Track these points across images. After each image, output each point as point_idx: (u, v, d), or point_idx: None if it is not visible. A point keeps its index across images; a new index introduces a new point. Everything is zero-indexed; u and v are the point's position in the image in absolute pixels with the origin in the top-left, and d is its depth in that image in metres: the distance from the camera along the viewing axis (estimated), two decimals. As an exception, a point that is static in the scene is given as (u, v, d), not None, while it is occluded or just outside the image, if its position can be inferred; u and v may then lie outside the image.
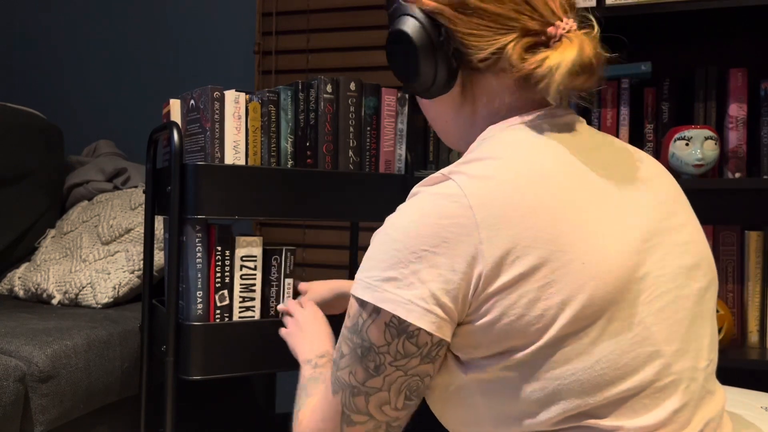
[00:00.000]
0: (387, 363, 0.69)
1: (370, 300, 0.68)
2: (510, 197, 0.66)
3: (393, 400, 0.71)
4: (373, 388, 0.70)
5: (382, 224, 0.72)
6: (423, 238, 0.66)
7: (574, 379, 0.64)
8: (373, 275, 0.69)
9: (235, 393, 2.03)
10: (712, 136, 1.50)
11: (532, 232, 0.64)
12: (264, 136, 1.31)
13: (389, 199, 1.42)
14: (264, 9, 2.20)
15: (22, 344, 1.35)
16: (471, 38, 0.73)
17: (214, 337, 1.26)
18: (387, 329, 0.68)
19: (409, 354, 0.68)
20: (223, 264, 1.28)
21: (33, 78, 2.55)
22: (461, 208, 0.66)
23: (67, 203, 2.18)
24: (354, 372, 0.71)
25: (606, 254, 0.65)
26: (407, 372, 0.69)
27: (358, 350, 0.70)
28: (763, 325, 1.57)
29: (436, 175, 0.70)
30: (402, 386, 0.70)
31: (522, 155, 0.69)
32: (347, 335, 0.72)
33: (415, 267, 0.66)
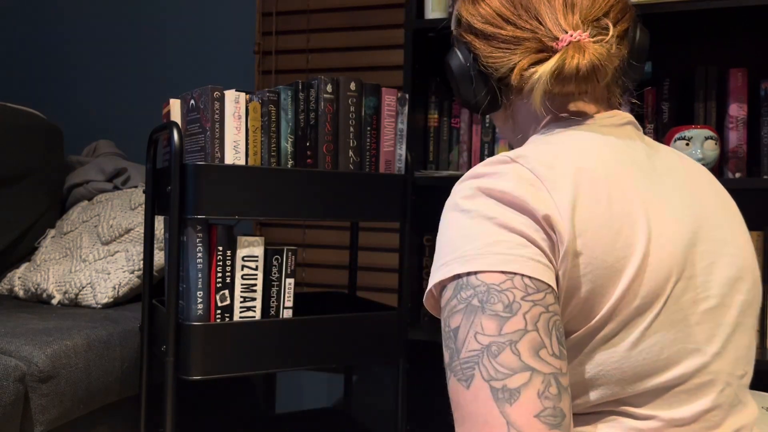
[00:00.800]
0: (519, 299, 0.58)
1: (482, 268, 0.59)
2: (575, 181, 0.66)
3: (546, 342, 0.58)
4: (516, 332, 0.57)
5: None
6: (506, 220, 0.62)
7: (616, 367, 0.65)
8: (470, 247, 0.61)
9: (235, 393, 2.03)
10: (712, 136, 1.50)
11: (604, 219, 0.65)
12: (264, 136, 1.31)
13: (389, 199, 1.42)
14: (264, 9, 2.20)
15: (22, 344, 1.35)
16: (490, 60, 0.79)
17: (215, 337, 1.26)
18: (504, 272, 0.59)
19: (542, 289, 0.59)
20: (225, 264, 1.27)
21: (33, 78, 2.55)
22: (530, 177, 0.66)
23: (67, 203, 2.18)
24: (481, 329, 0.57)
25: (662, 250, 0.66)
26: (548, 308, 0.59)
27: (473, 301, 0.58)
28: (762, 325, 1.57)
29: (501, 157, 0.70)
30: (550, 324, 0.58)
31: (580, 151, 0.71)
32: (451, 305, 0.61)
33: (521, 229, 0.62)
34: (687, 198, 0.73)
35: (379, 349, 1.42)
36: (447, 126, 1.80)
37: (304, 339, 1.34)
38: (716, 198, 0.77)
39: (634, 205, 0.67)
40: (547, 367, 0.57)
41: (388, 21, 2.08)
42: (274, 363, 1.32)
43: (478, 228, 0.62)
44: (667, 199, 0.70)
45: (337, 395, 2.15)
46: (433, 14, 1.67)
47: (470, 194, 0.66)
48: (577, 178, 0.66)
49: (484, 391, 0.56)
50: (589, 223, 0.64)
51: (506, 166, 0.68)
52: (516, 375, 0.55)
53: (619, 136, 0.75)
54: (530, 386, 0.55)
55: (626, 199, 0.67)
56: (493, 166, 0.68)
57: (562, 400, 0.56)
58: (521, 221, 0.63)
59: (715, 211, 0.75)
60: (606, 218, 0.65)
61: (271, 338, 1.31)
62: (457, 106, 1.79)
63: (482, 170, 0.68)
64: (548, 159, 0.68)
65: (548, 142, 0.73)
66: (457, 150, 1.78)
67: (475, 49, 0.81)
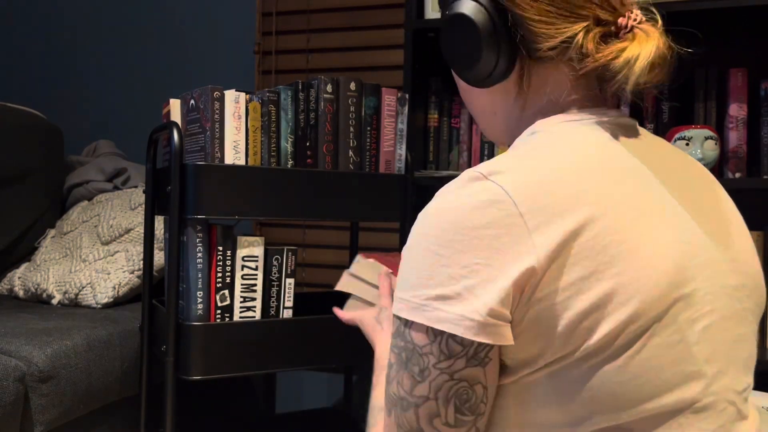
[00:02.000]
0: (431, 366, 0.63)
1: (421, 321, 0.63)
2: (557, 188, 0.62)
3: (442, 412, 0.64)
4: (420, 397, 0.64)
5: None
6: (473, 251, 0.61)
7: (609, 392, 0.61)
8: (418, 294, 0.63)
9: (235, 393, 2.03)
10: (712, 136, 1.50)
11: (584, 245, 0.61)
12: (264, 136, 1.31)
13: (389, 199, 1.42)
14: (264, 9, 2.20)
15: (22, 344, 1.35)
16: (541, 25, 0.69)
17: (215, 337, 1.26)
18: (429, 329, 0.62)
19: (454, 354, 0.62)
20: (225, 264, 1.27)
21: (33, 78, 2.55)
22: (507, 207, 0.61)
23: (67, 203, 2.18)
24: (401, 381, 0.65)
25: (654, 269, 0.62)
26: (453, 376, 0.63)
27: (403, 354, 0.65)
28: (762, 325, 1.57)
29: (473, 173, 0.64)
30: (449, 394, 0.63)
31: (570, 153, 0.66)
32: (393, 342, 0.67)
33: (466, 283, 0.61)
34: (688, 204, 0.68)
35: (379, 349, 1.42)
36: (447, 126, 1.80)
37: (304, 339, 1.34)
38: (717, 201, 0.73)
39: (621, 223, 0.62)
40: (435, 431, 0.64)
41: (388, 21, 2.08)
42: (274, 363, 1.32)
43: (428, 271, 0.63)
44: (667, 208, 0.66)
45: (337, 395, 2.15)
46: (433, 14, 1.67)
47: (432, 223, 0.64)
48: (571, 205, 0.61)
49: (395, 428, 0.67)
50: (574, 256, 0.60)
51: (477, 185, 0.63)
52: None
53: (616, 135, 0.70)
54: None
55: (613, 218, 0.62)
56: (464, 186, 0.63)
57: None
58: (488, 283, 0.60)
59: (716, 215, 0.71)
60: (592, 246, 0.60)
61: (271, 338, 1.31)
62: (458, 106, 1.79)
63: (452, 188, 0.64)
64: (541, 178, 0.62)
65: (551, 145, 0.67)
66: (457, 150, 1.78)
67: (514, 6, 0.69)
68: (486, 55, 0.71)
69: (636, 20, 0.68)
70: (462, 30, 0.72)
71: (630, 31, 0.68)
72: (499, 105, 0.77)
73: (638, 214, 0.63)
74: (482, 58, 0.72)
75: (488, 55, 0.71)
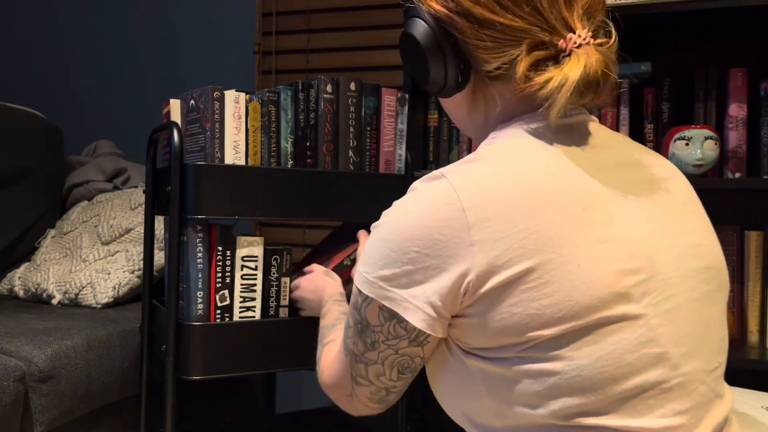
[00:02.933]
0: (380, 341, 0.74)
1: (370, 294, 0.73)
2: (506, 200, 0.66)
3: (387, 372, 0.77)
4: (370, 360, 0.76)
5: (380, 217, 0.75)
6: (415, 240, 0.69)
7: (575, 374, 0.64)
8: (370, 271, 0.73)
9: (235, 393, 2.03)
10: (712, 136, 1.50)
11: (528, 234, 0.65)
12: (264, 136, 1.31)
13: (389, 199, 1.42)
14: (264, 9, 2.20)
15: (22, 344, 1.35)
16: (479, 50, 0.74)
17: (215, 337, 1.26)
18: (380, 312, 0.72)
19: (399, 336, 0.73)
20: (224, 264, 1.27)
21: (33, 78, 2.55)
22: (454, 210, 0.67)
23: (67, 203, 2.18)
24: (356, 343, 0.77)
25: (605, 256, 0.65)
26: (397, 351, 0.74)
27: (358, 326, 0.76)
28: (763, 325, 1.57)
29: (435, 172, 0.71)
30: (394, 362, 0.76)
31: (522, 157, 0.70)
32: (352, 311, 0.77)
33: (407, 268, 0.69)
34: (648, 193, 0.71)
35: (379, 349, 1.42)
36: (447, 126, 1.80)
37: (304, 339, 1.34)
38: (677, 188, 0.76)
39: (571, 217, 0.66)
40: (381, 384, 0.78)
41: (388, 21, 2.08)
42: (274, 363, 1.32)
43: (391, 257, 0.71)
44: (622, 199, 0.69)
45: (337, 395, 2.15)
46: (433, 14, 1.67)
47: (393, 209, 0.73)
48: (511, 199, 0.66)
49: (348, 367, 0.80)
50: (514, 250, 0.65)
51: (434, 184, 0.70)
52: (362, 378, 0.79)
53: (571, 135, 0.73)
54: (369, 387, 0.79)
55: (562, 212, 0.66)
56: (423, 184, 0.71)
57: (388, 397, 0.80)
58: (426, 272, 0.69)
59: (677, 201, 0.74)
60: (534, 239, 0.65)
61: (271, 338, 1.31)
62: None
63: (415, 185, 0.73)
64: (488, 176, 0.68)
65: (501, 149, 0.71)
66: (457, 150, 1.78)
67: (458, 32, 0.74)
68: (433, 70, 0.77)
69: (576, 43, 0.69)
70: (411, 47, 0.78)
71: (568, 54, 0.70)
72: (464, 112, 0.83)
73: (587, 209, 0.67)
74: (430, 75, 0.78)
75: (435, 70, 0.77)
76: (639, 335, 0.65)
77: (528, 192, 0.66)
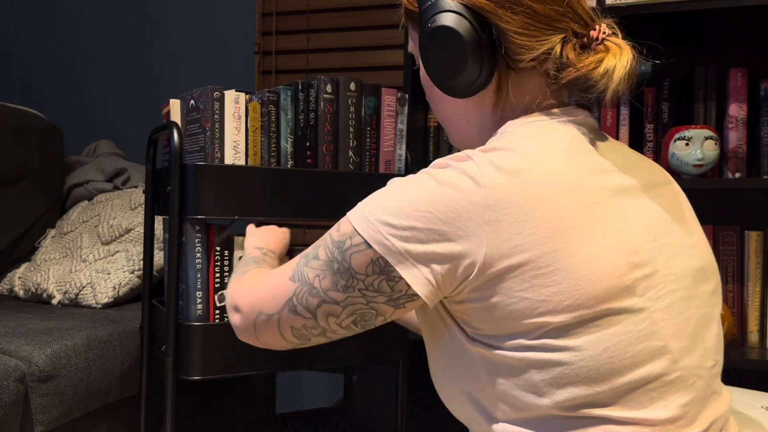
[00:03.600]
0: (356, 287, 0.72)
1: (363, 234, 0.70)
2: (523, 188, 0.67)
3: (342, 318, 0.74)
4: (331, 299, 0.73)
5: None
6: (433, 202, 0.68)
7: (582, 365, 0.65)
8: (373, 212, 0.71)
9: (235, 393, 2.03)
10: (712, 136, 1.50)
11: (541, 222, 0.66)
12: (264, 136, 1.31)
13: (389, 199, 1.42)
14: (264, 9, 2.20)
15: (22, 344, 1.35)
16: (522, 37, 0.73)
17: (214, 337, 1.26)
18: (372, 264, 0.70)
19: (381, 291, 0.71)
20: (222, 264, 1.28)
21: (33, 78, 2.55)
22: (476, 186, 0.67)
23: (67, 203, 2.18)
24: (321, 278, 0.73)
25: (613, 249, 0.67)
26: (369, 303, 0.72)
27: (334, 264, 0.72)
28: (763, 325, 1.57)
29: (461, 154, 0.71)
30: (356, 311, 0.73)
31: (539, 150, 0.71)
32: (330, 246, 0.74)
33: (415, 224, 0.68)
34: (648, 195, 0.73)
35: (379, 349, 1.42)
36: (447, 126, 1.80)
37: (303, 339, 1.34)
38: (673, 193, 0.78)
39: (582, 210, 0.67)
40: (325, 324, 0.75)
41: (388, 21, 2.08)
42: (274, 363, 1.32)
43: (402, 208, 0.69)
44: (626, 198, 0.71)
45: (337, 395, 2.15)
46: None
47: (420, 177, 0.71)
48: (528, 188, 0.67)
49: (290, 293, 0.76)
50: (526, 236, 0.65)
51: (461, 163, 0.70)
52: (306, 310, 0.75)
53: (581, 134, 0.75)
54: (306, 321, 0.76)
55: (574, 205, 0.67)
56: (451, 161, 0.71)
57: (316, 337, 0.77)
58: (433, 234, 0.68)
59: (673, 205, 0.76)
60: (546, 227, 0.66)
61: (270, 338, 1.31)
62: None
63: (443, 162, 0.71)
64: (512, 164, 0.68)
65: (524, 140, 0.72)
66: (457, 150, 1.78)
67: (497, 20, 0.73)
68: (470, 67, 0.74)
69: (605, 33, 0.74)
70: (446, 42, 0.74)
71: (600, 43, 0.73)
72: (474, 114, 0.81)
73: (598, 202, 0.68)
74: (466, 71, 0.75)
75: (473, 66, 0.74)
76: (642, 328, 0.66)
77: (546, 184, 0.68)
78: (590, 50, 0.73)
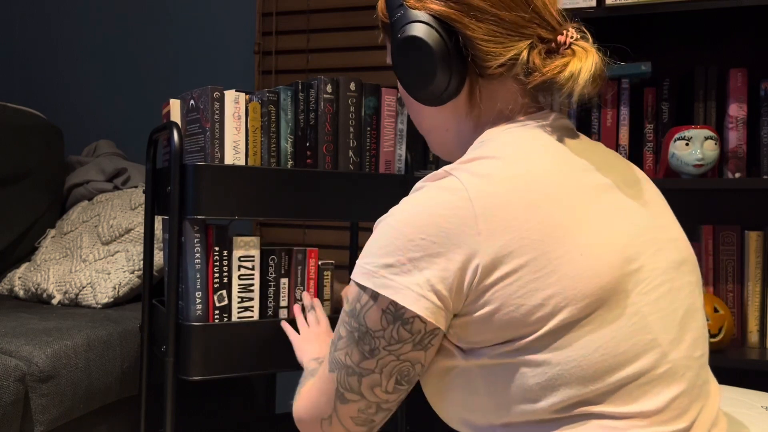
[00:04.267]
0: (381, 347, 0.71)
1: (368, 285, 0.70)
2: (509, 193, 0.68)
3: (384, 383, 0.73)
4: (366, 369, 0.73)
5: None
6: (422, 228, 0.68)
7: (575, 365, 0.66)
8: (371, 261, 0.71)
9: (235, 393, 2.03)
10: (712, 136, 1.50)
11: (531, 225, 0.67)
12: (264, 136, 1.31)
13: (389, 199, 1.42)
14: (264, 9, 2.20)
15: (22, 344, 1.35)
16: (489, 44, 0.75)
17: (214, 337, 1.26)
18: (383, 315, 0.70)
19: (403, 340, 0.71)
20: (221, 264, 1.28)
21: (33, 78, 2.55)
22: (461, 200, 0.67)
23: (67, 203, 2.18)
24: (350, 353, 0.74)
25: (603, 247, 0.68)
26: (399, 357, 0.72)
27: (355, 333, 0.73)
28: (763, 325, 1.57)
29: (439, 171, 0.72)
30: (393, 370, 0.73)
31: (521, 154, 0.72)
32: (346, 319, 0.74)
33: (412, 255, 0.68)
34: (628, 192, 0.74)
35: (378, 349, 1.42)
36: (447, 126, 1.80)
37: (303, 339, 1.34)
38: (650, 189, 0.79)
39: (569, 210, 0.68)
40: (375, 398, 0.75)
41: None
42: (273, 363, 1.32)
43: (395, 245, 0.69)
44: (609, 196, 0.72)
45: (337, 395, 2.15)
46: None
47: (399, 204, 0.72)
48: (514, 192, 0.67)
49: (334, 384, 0.76)
50: (518, 241, 0.66)
51: (441, 181, 0.70)
52: (352, 393, 0.75)
53: (558, 136, 0.76)
54: (358, 403, 0.75)
55: (561, 205, 0.68)
56: (430, 183, 0.71)
57: (376, 415, 0.76)
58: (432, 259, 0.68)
59: (653, 201, 0.77)
60: (537, 229, 0.66)
61: (270, 338, 1.31)
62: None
63: (420, 185, 0.72)
64: (495, 172, 0.69)
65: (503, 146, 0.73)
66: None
67: (464, 28, 0.75)
68: (440, 75, 0.76)
69: (572, 38, 0.75)
70: (416, 52, 0.76)
71: (568, 47, 0.74)
72: (451, 121, 0.82)
73: (583, 202, 0.70)
74: (436, 79, 0.76)
75: (442, 75, 0.76)
76: (633, 323, 0.67)
77: (533, 188, 0.68)
78: (558, 55, 0.74)
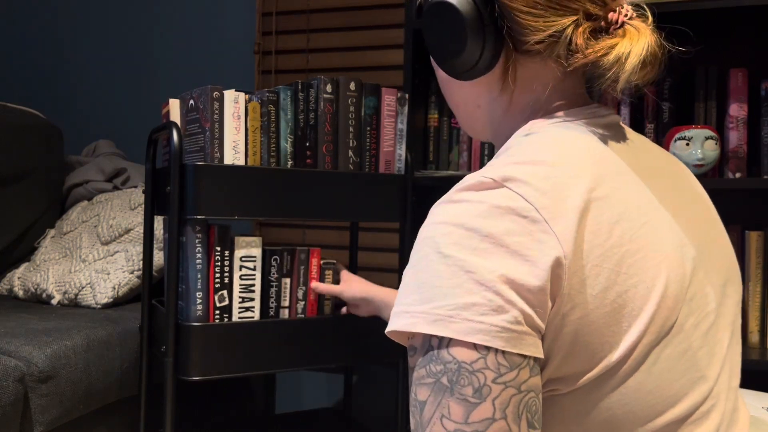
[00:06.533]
0: (490, 381, 0.54)
1: (448, 335, 0.55)
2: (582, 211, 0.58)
3: (514, 429, 0.54)
4: (483, 421, 0.54)
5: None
6: (501, 258, 0.56)
7: (627, 410, 0.59)
8: (441, 304, 0.55)
9: (235, 393, 2.03)
10: (712, 136, 1.50)
11: (605, 249, 0.58)
12: (264, 136, 1.31)
13: (389, 200, 1.42)
14: (264, 9, 2.20)
15: (22, 344, 1.35)
16: (529, 17, 0.65)
17: (214, 337, 1.26)
18: (476, 346, 0.55)
19: (516, 365, 0.55)
20: (223, 264, 1.27)
21: (33, 78, 2.55)
22: (525, 209, 0.57)
23: (67, 203, 2.17)
24: (447, 413, 0.54)
25: (667, 277, 0.60)
26: (520, 388, 0.55)
27: (443, 379, 0.55)
28: (763, 325, 1.57)
29: (483, 180, 0.59)
30: (520, 408, 0.55)
31: (579, 161, 0.62)
32: (420, 374, 0.57)
33: (499, 288, 0.55)
34: (678, 205, 0.67)
35: (379, 349, 1.42)
36: (447, 126, 1.80)
37: (303, 339, 1.34)
38: (700, 198, 0.73)
39: (641, 226, 0.60)
40: None
41: (388, 21, 2.08)
42: (273, 363, 1.32)
43: (453, 280, 0.55)
44: (662, 212, 0.64)
45: (337, 395, 2.15)
46: (433, 14, 1.67)
47: (447, 231, 0.57)
48: (583, 201, 0.58)
49: None
50: (595, 258, 0.57)
51: (492, 193, 0.58)
52: None
53: (617, 136, 0.68)
54: None
55: (632, 220, 0.60)
56: (476, 193, 0.59)
57: None
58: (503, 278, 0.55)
59: (701, 212, 0.70)
60: (615, 248, 0.58)
61: (270, 338, 1.31)
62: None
63: (463, 196, 0.59)
64: (546, 175, 0.59)
65: (547, 141, 0.63)
66: (457, 150, 1.78)
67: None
68: (470, 45, 0.67)
69: (627, 16, 0.65)
70: (445, 19, 0.68)
71: (620, 26, 0.65)
72: (483, 98, 0.74)
73: (642, 218, 0.61)
74: (466, 49, 0.67)
75: (472, 46, 0.67)
76: (685, 360, 0.61)
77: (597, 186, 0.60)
78: (606, 35, 0.65)
